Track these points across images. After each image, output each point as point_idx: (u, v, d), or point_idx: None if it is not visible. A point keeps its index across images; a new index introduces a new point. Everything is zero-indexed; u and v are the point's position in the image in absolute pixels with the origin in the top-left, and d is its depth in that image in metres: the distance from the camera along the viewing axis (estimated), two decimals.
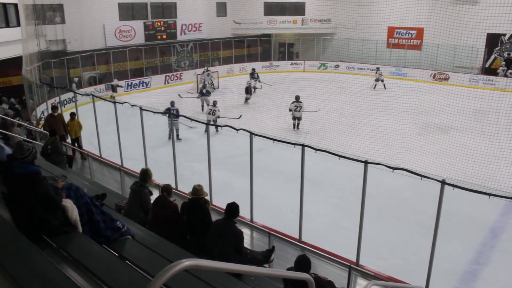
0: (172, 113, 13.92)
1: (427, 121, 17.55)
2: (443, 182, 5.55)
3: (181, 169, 10.03)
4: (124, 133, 11.15)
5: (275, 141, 7.50)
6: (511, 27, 25.15)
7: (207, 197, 6.00)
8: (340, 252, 7.02)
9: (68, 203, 3.96)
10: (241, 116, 17.04)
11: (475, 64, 27.36)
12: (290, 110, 16.97)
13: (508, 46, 26.93)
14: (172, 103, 15.79)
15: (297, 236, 7.45)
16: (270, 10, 32.01)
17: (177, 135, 14.68)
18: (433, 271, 6.10)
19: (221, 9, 30.57)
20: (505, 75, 26.29)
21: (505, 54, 27.02)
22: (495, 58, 27.38)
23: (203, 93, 19.16)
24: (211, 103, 16.91)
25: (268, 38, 33.11)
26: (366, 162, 6.11)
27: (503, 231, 9.36)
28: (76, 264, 3.57)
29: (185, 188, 5.75)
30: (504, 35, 26.63)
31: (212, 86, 24.82)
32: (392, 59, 29.58)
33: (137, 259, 4.10)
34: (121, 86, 23.49)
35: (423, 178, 5.76)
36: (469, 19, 22.87)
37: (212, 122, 15.47)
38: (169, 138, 14.07)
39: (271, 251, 5.66)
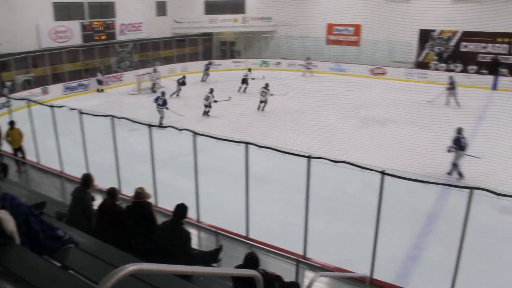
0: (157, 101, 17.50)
1: (366, 115, 18.12)
2: (382, 173, 5.77)
3: (125, 172, 9.83)
4: (64, 138, 10.79)
5: (218, 140, 7.50)
6: (440, 24, 26.44)
7: (151, 199, 5.92)
8: (288, 246, 7.14)
9: (3, 214, 3.79)
10: (230, 97, 18.72)
11: (410, 58, 28.57)
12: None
13: (438, 42, 28.31)
14: (163, 93, 18.04)
15: (244, 234, 7.51)
16: (210, 9, 31.89)
17: (161, 123, 16.36)
18: (376, 259, 6.34)
19: (161, 9, 30.11)
20: (437, 69, 27.60)
21: (436, 49, 28.39)
22: (427, 53, 28.72)
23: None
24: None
25: (210, 37, 32.98)
26: (308, 157, 6.25)
27: (439, 216, 9.86)
28: (15, 278, 3.41)
29: (130, 191, 5.65)
30: (434, 31, 27.98)
31: (158, 85, 24.52)
32: (331, 55, 30.29)
33: (81, 267, 3.98)
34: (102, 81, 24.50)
35: (364, 170, 5.96)
36: (403, 16, 23.84)
37: (206, 109, 18.57)
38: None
39: (218, 250, 5.68)
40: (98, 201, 6.47)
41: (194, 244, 6.46)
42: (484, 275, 7.64)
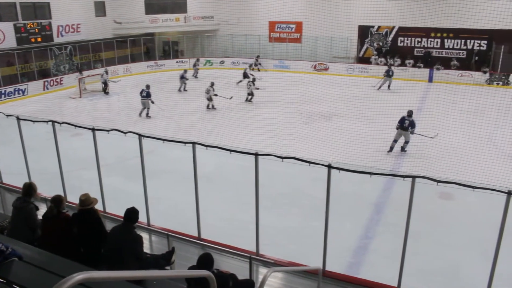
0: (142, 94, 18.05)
1: (311, 110, 18.44)
2: (329, 166, 5.90)
3: (70, 179, 9.52)
4: (2, 147, 10.29)
5: (165, 141, 7.41)
6: (377, 20, 27.31)
7: (97, 205, 5.75)
8: (241, 244, 7.16)
9: None
10: (232, 97, 19.08)
11: (350, 54, 29.37)
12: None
13: (376, 37, 29.28)
14: (148, 86, 18.36)
15: (196, 234, 7.47)
16: (151, 8, 31.31)
17: (147, 113, 18.13)
18: (328, 250, 6.47)
19: (100, 9, 29.22)
20: (377, 63, 28.52)
21: (375, 44, 29.36)
22: (367, 48, 29.63)
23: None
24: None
25: (152, 37, 32.43)
26: (256, 154, 6.29)
27: (385, 206, 10.21)
28: None
29: (77, 199, 5.47)
30: (373, 27, 28.92)
31: (107, 87, 23.93)
32: (275, 52, 30.61)
33: (27, 281, 3.81)
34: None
35: (311, 164, 6.06)
36: (342, 12, 24.45)
37: (208, 103, 19.19)
38: (139, 115, 18.13)
39: (171, 252, 5.61)
40: (42, 210, 6.22)
41: (146, 248, 6.35)
42: (428, 257, 8.01)
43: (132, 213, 5.10)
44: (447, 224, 9.44)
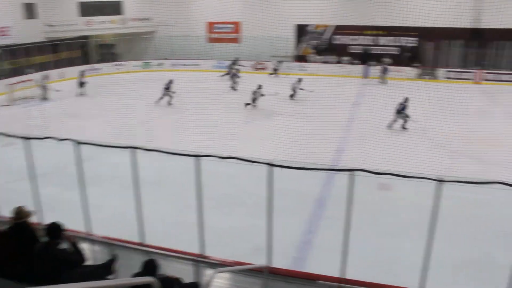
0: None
1: (251, 109, 18.56)
2: (270, 164, 5.96)
3: (3, 192, 9.08)
4: None
5: (103, 147, 7.21)
6: (313, 19, 27.91)
7: (32, 218, 5.50)
8: (186, 247, 7.11)
9: None
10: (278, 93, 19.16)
11: (289, 52, 29.82)
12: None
13: (313, 35, 29.97)
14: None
15: (140, 241, 7.33)
16: (86, 10, 30.31)
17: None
18: (274, 247, 6.54)
19: (30, 11, 27.84)
20: (315, 61, 29.19)
21: (312, 43, 30.04)
22: (304, 47, 30.23)
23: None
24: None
25: (87, 40, 31.42)
26: (197, 156, 6.25)
27: (327, 200, 10.46)
28: None
29: (11, 213, 5.21)
30: (309, 25, 29.53)
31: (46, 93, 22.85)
32: (214, 53, 30.55)
33: None
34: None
35: (252, 163, 6.10)
36: (279, 12, 24.78)
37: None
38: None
39: (112, 260, 5.46)
40: None
41: (88, 258, 6.16)
42: (370, 247, 8.29)
43: (53, 228, 4.90)
44: (387, 213, 9.82)
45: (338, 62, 28.92)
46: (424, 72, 27.50)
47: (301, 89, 21.14)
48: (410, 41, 28.94)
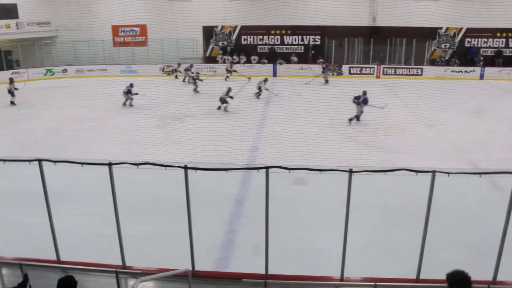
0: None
1: (163, 113, 18.27)
2: (185, 168, 5.93)
3: None
4: None
5: (6, 162, 6.73)
6: (220, 20, 28.11)
7: None
8: (106, 259, 6.86)
9: None
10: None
11: (197, 54, 29.79)
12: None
13: (221, 37, 30.19)
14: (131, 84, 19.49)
15: (55, 258, 6.94)
16: None
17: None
18: (195, 250, 6.50)
19: None
20: (224, 62, 29.44)
21: (220, 44, 30.25)
22: (212, 48, 30.35)
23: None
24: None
25: None
26: (109, 164, 6.05)
27: (246, 198, 10.59)
28: None
29: None
30: (216, 27, 29.68)
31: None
32: (121, 57, 29.68)
33: None
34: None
35: (167, 167, 6.02)
36: (185, 13, 24.65)
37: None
38: None
39: (24, 282, 5.14)
40: None
41: None
42: (291, 241, 8.53)
43: None
44: (304, 206, 10.15)
45: (247, 62, 29.35)
46: (329, 68, 28.75)
47: (266, 89, 21.41)
48: (314, 40, 30.13)
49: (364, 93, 17.67)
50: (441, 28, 29.23)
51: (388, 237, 8.71)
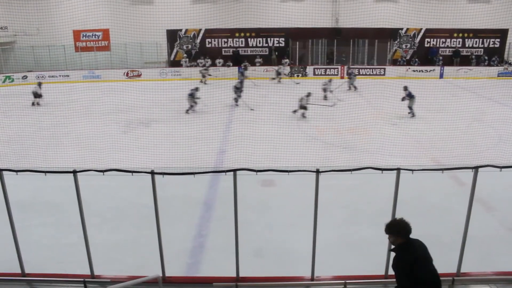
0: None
1: (128, 119, 18.03)
2: (152, 173, 5.86)
3: None
4: None
5: None
6: (184, 23, 27.96)
7: None
8: (73, 269, 6.72)
9: None
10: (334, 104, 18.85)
11: (162, 58, 29.54)
12: None
13: (185, 40, 30.01)
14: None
15: (19, 271, 6.73)
16: None
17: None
18: (165, 256, 6.43)
19: None
20: (188, 66, 29.28)
21: (184, 47, 30.08)
22: (177, 52, 30.14)
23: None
24: None
25: None
26: (74, 172, 5.91)
27: (214, 202, 10.55)
28: None
29: None
30: (180, 30, 29.50)
31: None
32: (83, 62, 29.11)
33: None
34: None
35: (133, 173, 5.94)
36: (149, 17, 24.41)
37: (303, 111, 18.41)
38: None
39: None
40: None
41: None
42: (261, 242, 8.57)
43: None
44: (273, 207, 10.20)
45: (212, 65, 29.31)
46: (294, 70, 29.02)
47: (330, 91, 21.80)
48: (278, 42, 30.36)
49: (405, 88, 18.44)
50: (401, 29, 29.96)
51: (356, 235, 8.85)
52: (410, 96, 18.54)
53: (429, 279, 4.30)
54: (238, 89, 20.48)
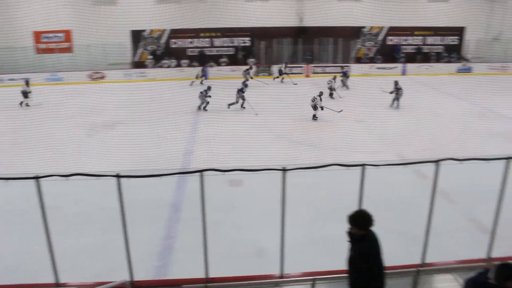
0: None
1: (92, 121, 17.70)
2: (117, 176, 5.78)
3: None
4: None
5: None
6: (148, 24, 27.64)
7: None
8: (38, 278, 6.59)
9: None
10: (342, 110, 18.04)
11: (126, 59, 29.11)
12: None
13: (150, 40, 29.72)
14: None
15: None
16: None
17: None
18: (133, 260, 6.35)
19: None
20: (153, 66, 28.99)
21: (149, 48, 29.76)
22: (141, 52, 29.76)
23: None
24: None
25: None
26: (36, 178, 5.76)
27: (182, 203, 10.49)
28: None
29: None
30: (144, 31, 29.17)
31: None
32: (45, 65, 28.34)
33: None
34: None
35: (99, 177, 5.84)
36: (112, 18, 23.99)
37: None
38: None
39: None
40: None
41: None
42: (230, 242, 8.62)
43: None
44: (241, 207, 10.23)
45: (177, 66, 29.08)
46: (260, 69, 29.11)
47: (334, 89, 22.47)
48: (243, 41, 30.40)
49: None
50: (364, 27, 30.48)
51: (323, 232, 8.97)
52: (398, 90, 19.93)
53: (380, 272, 4.43)
54: (241, 91, 20.42)
